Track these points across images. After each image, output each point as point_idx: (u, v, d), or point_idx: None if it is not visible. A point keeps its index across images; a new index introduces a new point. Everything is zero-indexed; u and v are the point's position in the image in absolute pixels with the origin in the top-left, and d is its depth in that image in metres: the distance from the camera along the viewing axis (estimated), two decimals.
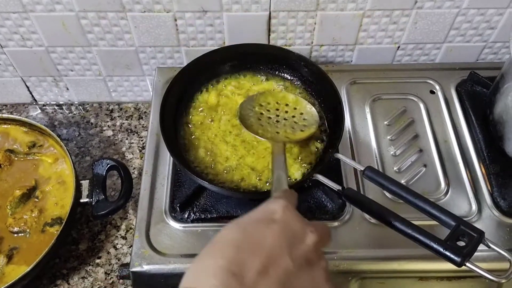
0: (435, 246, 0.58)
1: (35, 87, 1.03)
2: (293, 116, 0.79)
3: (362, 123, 0.88)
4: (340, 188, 0.68)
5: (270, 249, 0.43)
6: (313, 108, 0.81)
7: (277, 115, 0.79)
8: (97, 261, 0.84)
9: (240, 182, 0.76)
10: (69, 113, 1.06)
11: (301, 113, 0.80)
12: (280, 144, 0.71)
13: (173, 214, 0.77)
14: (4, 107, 1.07)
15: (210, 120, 0.83)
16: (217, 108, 0.84)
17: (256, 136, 0.75)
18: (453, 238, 0.58)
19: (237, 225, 0.47)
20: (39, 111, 1.06)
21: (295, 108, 0.81)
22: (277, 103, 0.81)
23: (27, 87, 1.03)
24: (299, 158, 0.78)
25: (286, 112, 0.80)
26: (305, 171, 0.77)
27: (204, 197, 0.78)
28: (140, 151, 0.99)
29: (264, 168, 0.77)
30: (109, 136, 1.01)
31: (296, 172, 0.77)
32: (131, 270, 0.71)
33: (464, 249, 0.57)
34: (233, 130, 0.81)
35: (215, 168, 0.77)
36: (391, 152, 0.84)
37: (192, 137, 0.81)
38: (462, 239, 0.59)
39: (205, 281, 0.41)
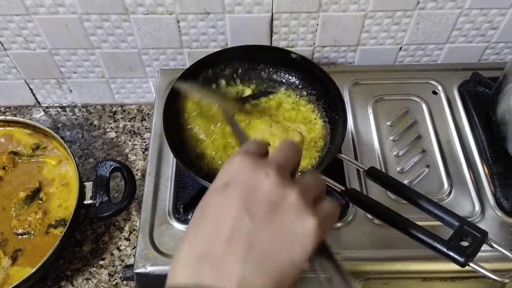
0: (438, 246, 0.58)
1: (39, 90, 1.04)
2: None
3: (365, 124, 0.88)
4: (343, 188, 0.68)
5: (227, 218, 0.41)
6: None
7: None
8: (101, 262, 0.84)
9: None
10: (73, 115, 1.06)
11: None
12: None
13: (176, 215, 0.77)
14: (7, 109, 1.08)
15: (211, 120, 0.83)
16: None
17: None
18: (457, 238, 0.58)
19: (200, 202, 0.44)
20: (43, 113, 1.07)
21: None
22: None
23: (31, 89, 1.04)
24: (302, 158, 0.78)
25: None
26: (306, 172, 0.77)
27: None
28: (143, 152, 0.99)
29: None
30: (112, 138, 1.02)
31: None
32: (134, 271, 0.71)
33: (467, 249, 0.57)
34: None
35: (219, 169, 0.77)
36: (394, 153, 0.84)
37: (195, 138, 0.81)
38: (465, 239, 0.59)
39: (180, 274, 0.40)
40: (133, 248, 0.86)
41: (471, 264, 0.57)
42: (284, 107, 0.85)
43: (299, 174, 0.46)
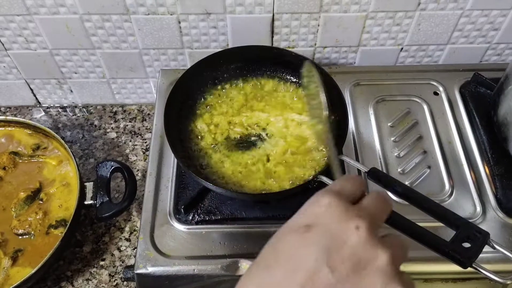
0: (440, 247, 0.57)
1: (39, 90, 1.04)
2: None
3: (366, 125, 0.88)
4: None
5: (304, 266, 0.37)
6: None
7: None
8: (101, 263, 0.84)
9: (245, 183, 0.76)
10: (73, 115, 1.06)
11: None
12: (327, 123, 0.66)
13: (177, 216, 0.77)
14: (8, 109, 1.07)
15: (213, 122, 0.83)
16: (219, 110, 0.85)
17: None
18: (459, 239, 0.58)
19: (273, 238, 0.41)
20: (43, 113, 1.07)
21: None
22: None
23: (31, 89, 1.03)
24: (303, 159, 0.78)
25: None
26: (310, 172, 0.77)
27: (208, 199, 0.78)
28: (144, 153, 0.99)
29: (268, 169, 0.77)
30: (112, 138, 1.01)
31: (300, 173, 0.77)
32: (135, 272, 0.71)
33: (469, 251, 0.57)
34: (235, 131, 0.81)
35: (220, 169, 0.77)
36: (395, 154, 0.84)
37: (196, 138, 0.81)
38: (467, 240, 0.58)
39: None
40: (134, 249, 0.86)
41: (473, 265, 0.57)
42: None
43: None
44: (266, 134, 0.81)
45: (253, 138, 0.81)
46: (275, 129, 0.82)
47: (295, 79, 0.89)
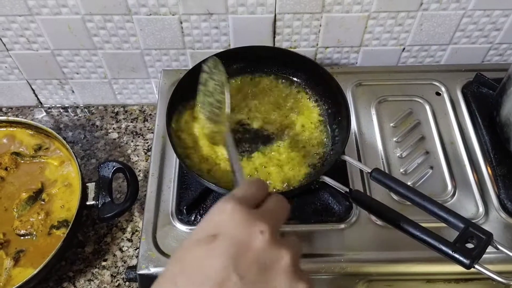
0: (444, 248, 0.57)
1: (41, 90, 1.04)
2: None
3: (368, 125, 0.88)
4: (347, 190, 0.68)
5: (212, 275, 0.37)
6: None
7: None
8: (103, 263, 0.84)
9: None
10: (75, 115, 1.06)
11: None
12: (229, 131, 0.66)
13: (179, 217, 0.77)
14: (9, 110, 1.07)
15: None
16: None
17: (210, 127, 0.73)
18: (462, 240, 0.58)
19: (177, 251, 0.41)
20: (45, 114, 1.07)
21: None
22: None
23: (33, 90, 1.03)
24: (306, 159, 0.78)
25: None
26: (312, 173, 0.77)
27: (210, 199, 0.78)
28: (146, 153, 0.99)
29: (272, 169, 0.77)
30: (114, 139, 1.01)
31: (303, 173, 0.77)
32: (138, 272, 0.71)
33: (473, 251, 0.57)
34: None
35: (222, 169, 0.77)
36: (397, 154, 0.84)
37: (199, 139, 0.81)
38: (470, 241, 0.59)
39: None
40: (136, 249, 0.86)
41: (476, 266, 0.57)
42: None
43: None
44: (267, 135, 0.82)
45: (254, 139, 0.81)
46: (275, 129, 0.82)
47: (297, 79, 0.89)
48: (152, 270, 0.71)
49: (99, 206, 0.81)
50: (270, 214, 0.42)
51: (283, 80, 0.89)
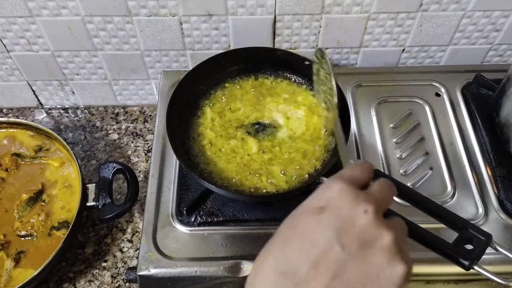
0: (443, 249, 0.58)
1: (41, 91, 1.04)
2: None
3: (368, 126, 0.88)
4: None
5: (318, 242, 0.42)
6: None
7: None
8: (104, 264, 0.84)
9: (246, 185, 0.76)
10: (75, 116, 1.06)
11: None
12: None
13: (179, 218, 0.77)
14: (10, 111, 1.08)
15: (215, 123, 0.83)
16: (221, 112, 0.85)
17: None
18: (461, 241, 0.58)
19: (289, 218, 0.46)
20: (45, 115, 1.07)
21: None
22: None
23: (33, 91, 1.04)
24: (306, 160, 0.78)
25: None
26: (312, 174, 0.77)
27: (210, 201, 0.78)
28: (146, 154, 0.99)
29: (270, 171, 0.77)
30: (114, 140, 1.02)
31: (303, 174, 0.77)
32: (138, 273, 0.71)
33: (472, 253, 0.57)
34: (238, 132, 0.82)
35: (223, 170, 0.77)
36: (397, 155, 0.84)
37: (198, 140, 0.81)
38: (470, 242, 0.59)
39: (259, 284, 0.42)
40: (136, 250, 0.86)
41: (475, 267, 0.57)
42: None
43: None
44: (267, 134, 0.82)
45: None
46: (276, 131, 0.82)
47: (296, 80, 0.89)
48: (152, 271, 0.71)
49: (99, 207, 0.82)
50: (375, 196, 0.45)
51: (283, 81, 0.89)
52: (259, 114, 0.83)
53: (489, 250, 0.59)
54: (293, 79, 0.88)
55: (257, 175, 0.77)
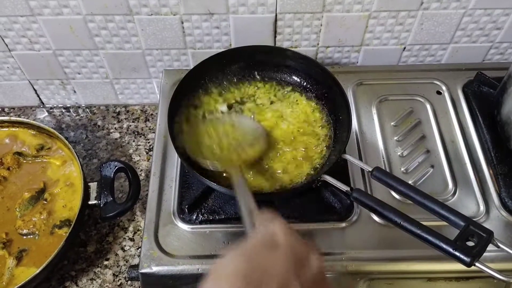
0: (444, 246, 0.58)
1: (43, 90, 1.04)
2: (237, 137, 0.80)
3: (369, 124, 0.88)
4: (348, 188, 0.68)
5: (279, 276, 0.42)
6: (252, 121, 0.82)
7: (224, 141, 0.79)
8: (105, 262, 0.85)
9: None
10: (76, 115, 1.06)
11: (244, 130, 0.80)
12: (238, 169, 0.70)
13: (181, 216, 0.77)
14: (12, 110, 1.08)
15: (215, 123, 0.83)
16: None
17: (213, 168, 0.75)
18: (462, 238, 0.59)
19: (240, 253, 0.45)
20: (47, 114, 1.07)
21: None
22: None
23: (35, 90, 1.04)
24: (307, 158, 0.79)
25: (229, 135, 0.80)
26: (313, 172, 0.77)
27: (212, 199, 0.78)
28: (147, 153, 0.99)
29: (271, 169, 0.77)
30: (116, 139, 1.02)
31: (304, 172, 0.77)
32: (140, 271, 0.71)
33: (473, 249, 0.57)
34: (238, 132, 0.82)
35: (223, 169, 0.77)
36: (398, 153, 0.84)
37: (200, 138, 0.81)
38: (471, 239, 0.59)
39: None
40: (137, 249, 0.86)
41: (477, 264, 0.57)
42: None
43: None
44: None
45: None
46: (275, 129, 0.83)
47: (298, 79, 0.89)
48: (154, 269, 0.71)
49: (101, 205, 0.82)
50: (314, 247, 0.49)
51: (284, 79, 0.89)
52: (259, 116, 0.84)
53: (490, 247, 0.59)
54: (293, 78, 0.89)
55: (258, 173, 0.77)
